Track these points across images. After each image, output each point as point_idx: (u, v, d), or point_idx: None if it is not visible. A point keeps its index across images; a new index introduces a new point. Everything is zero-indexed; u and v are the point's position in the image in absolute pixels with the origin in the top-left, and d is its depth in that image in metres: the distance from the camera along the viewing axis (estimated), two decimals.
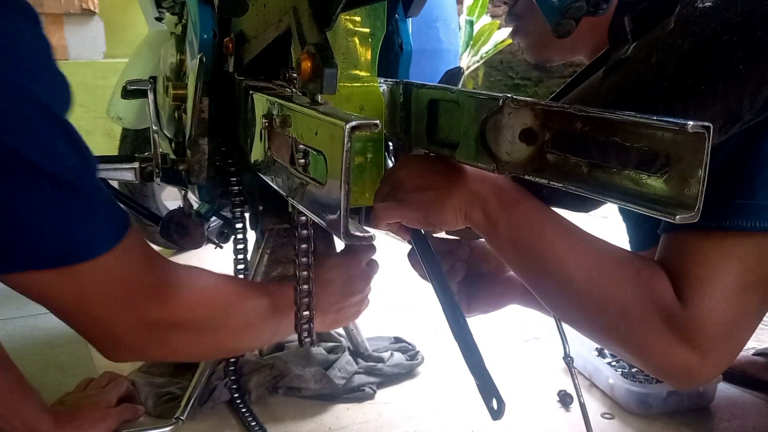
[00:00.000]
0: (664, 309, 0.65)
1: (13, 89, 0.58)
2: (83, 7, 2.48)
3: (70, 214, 0.62)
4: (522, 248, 0.70)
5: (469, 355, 0.71)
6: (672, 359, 0.66)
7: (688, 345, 0.65)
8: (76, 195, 0.63)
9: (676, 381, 0.69)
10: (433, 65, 1.43)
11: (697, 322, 0.64)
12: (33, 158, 0.58)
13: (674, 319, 0.65)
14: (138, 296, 0.68)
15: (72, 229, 0.63)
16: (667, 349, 0.65)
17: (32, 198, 0.60)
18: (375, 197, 0.78)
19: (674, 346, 0.65)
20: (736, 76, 0.58)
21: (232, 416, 1.00)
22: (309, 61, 0.57)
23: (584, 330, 0.72)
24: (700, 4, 0.59)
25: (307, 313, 0.76)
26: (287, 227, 1.00)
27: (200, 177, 0.92)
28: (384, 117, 0.83)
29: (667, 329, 0.65)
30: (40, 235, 0.61)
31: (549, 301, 0.73)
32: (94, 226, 0.64)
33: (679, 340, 0.65)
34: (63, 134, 0.62)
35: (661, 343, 0.65)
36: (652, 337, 0.66)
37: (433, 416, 1.02)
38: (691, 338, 0.65)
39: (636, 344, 0.67)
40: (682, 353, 0.65)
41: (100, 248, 0.64)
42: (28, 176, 0.59)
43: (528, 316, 1.36)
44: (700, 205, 0.48)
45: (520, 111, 0.59)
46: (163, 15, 1.32)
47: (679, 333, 0.65)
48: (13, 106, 0.58)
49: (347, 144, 0.47)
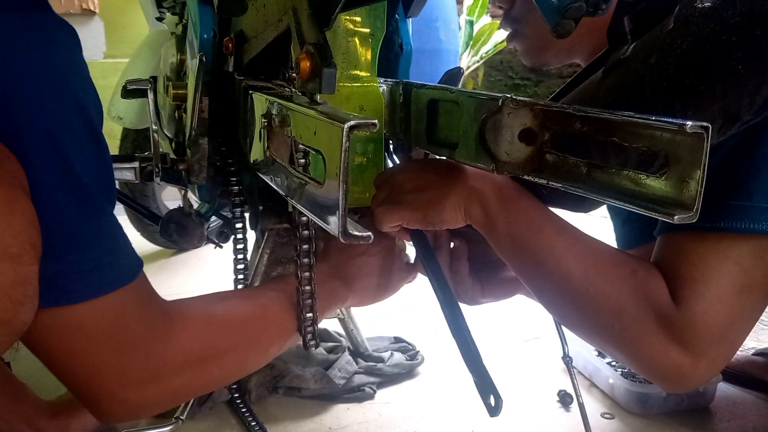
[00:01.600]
0: (658, 310, 0.65)
1: (69, 104, 0.56)
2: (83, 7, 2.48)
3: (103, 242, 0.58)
4: (520, 246, 0.70)
5: (467, 353, 0.71)
6: (665, 361, 0.66)
7: (682, 347, 0.65)
8: (107, 220, 0.59)
9: (669, 383, 0.69)
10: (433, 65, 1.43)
11: (691, 324, 0.64)
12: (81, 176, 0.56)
13: (668, 320, 0.65)
14: (136, 341, 0.61)
15: (101, 257, 0.58)
16: (660, 351, 0.65)
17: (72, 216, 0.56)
18: (372, 202, 0.78)
19: (667, 347, 0.65)
20: (735, 76, 0.58)
21: (232, 416, 1.00)
22: (308, 60, 0.57)
23: (579, 330, 0.72)
24: (699, 4, 0.59)
25: (311, 315, 0.76)
26: (287, 227, 1.00)
27: (200, 177, 0.92)
28: (384, 117, 0.83)
29: (661, 331, 0.65)
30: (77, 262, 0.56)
31: (546, 300, 0.74)
32: (121, 258, 0.60)
33: (673, 342, 0.65)
34: (105, 159, 0.60)
35: (654, 344, 0.65)
36: (645, 338, 0.66)
37: (433, 416, 1.02)
38: (685, 340, 0.65)
39: (630, 345, 0.67)
40: (675, 355, 0.65)
41: (115, 284, 0.59)
42: (77, 194, 0.56)
43: (528, 316, 1.37)
44: (698, 206, 0.48)
45: (519, 111, 0.59)
46: (163, 15, 1.32)
47: (673, 335, 0.65)
48: (72, 122, 0.56)
49: (345, 144, 0.47)
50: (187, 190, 1.10)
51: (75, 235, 0.56)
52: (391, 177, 0.77)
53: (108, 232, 0.60)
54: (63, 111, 0.55)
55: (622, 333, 0.67)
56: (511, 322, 1.37)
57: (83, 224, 0.56)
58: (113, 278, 0.59)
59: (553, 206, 0.73)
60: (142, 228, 1.82)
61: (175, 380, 0.65)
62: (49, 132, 0.54)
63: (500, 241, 0.72)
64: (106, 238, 0.59)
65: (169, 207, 1.67)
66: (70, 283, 0.56)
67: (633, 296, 0.66)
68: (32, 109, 0.53)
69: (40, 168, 0.53)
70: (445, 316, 0.73)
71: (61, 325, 0.57)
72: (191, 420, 0.97)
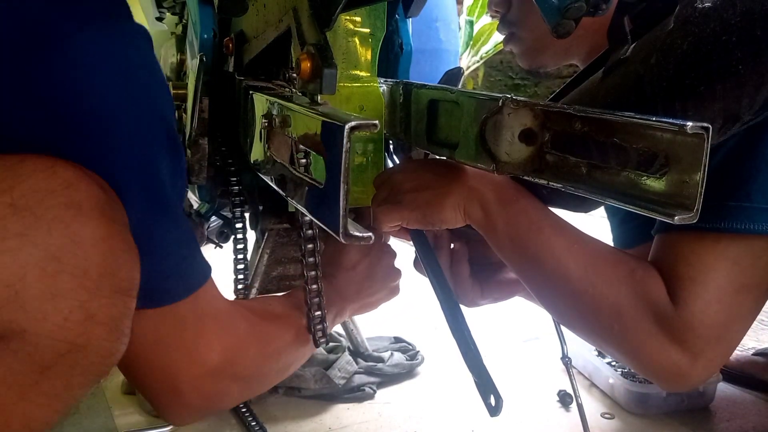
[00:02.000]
0: (656, 310, 0.65)
1: (156, 121, 0.57)
2: None
3: (183, 249, 0.61)
4: (519, 245, 0.70)
5: (467, 353, 0.71)
6: (663, 360, 0.66)
7: (680, 346, 0.65)
8: (186, 228, 0.61)
9: (667, 382, 0.70)
10: (433, 65, 1.43)
11: (689, 323, 0.64)
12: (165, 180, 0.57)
13: (666, 320, 0.65)
14: (206, 344, 0.64)
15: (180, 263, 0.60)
16: (658, 350, 0.66)
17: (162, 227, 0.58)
18: (372, 202, 0.78)
19: (665, 347, 0.65)
20: (735, 76, 0.58)
21: (232, 416, 1.00)
22: (309, 61, 0.57)
23: (579, 330, 0.72)
24: (699, 4, 0.59)
25: (319, 313, 0.76)
26: (287, 227, 1.00)
27: (200, 177, 0.92)
28: (384, 117, 0.83)
29: (659, 330, 0.65)
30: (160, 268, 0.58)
31: (545, 301, 0.74)
32: (195, 262, 0.62)
33: (671, 341, 0.65)
34: (182, 164, 0.61)
35: (652, 344, 0.66)
36: (644, 337, 0.66)
37: (433, 416, 1.02)
38: (683, 339, 0.65)
39: (628, 345, 0.67)
40: (673, 354, 0.65)
41: (192, 288, 0.62)
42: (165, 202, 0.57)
43: (528, 316, 1.37)
44: (699, 206, 0.48)
45: (519, 111, 0.59)
46: (163, 15, 1.32)
47: (671, 334, 0.65)
48: (160, 139, 0.57)
49: (346, 144, 0.47)
50: (187, 190, 1.10)
51: (159, 244, 0.58)
52: (391, 177, 0.77)
53: (185, 238, 0.62)
54: (152, 131, 0.56)
55: (622, 333, 0.67)
56: (511, 322, 1.37)
57: (166, 234, 0.59)
58: (191, 283, 0.62)
59: (553, 206, 0.73)
60: None
61: (242, 373, 0.68)
62: (143, 157, 0.55)
63: (500, 241, 0.72)
64: (185, 245, 0.62)
65: None
66: (154, 289, 0.58)
67: (631, 297, 0.66)
68: (124, 136, 0.53)
69: (134, 194, 0.54)
70: (446, 315, 0.73)
71: (142, 326, 0.58)
72: None
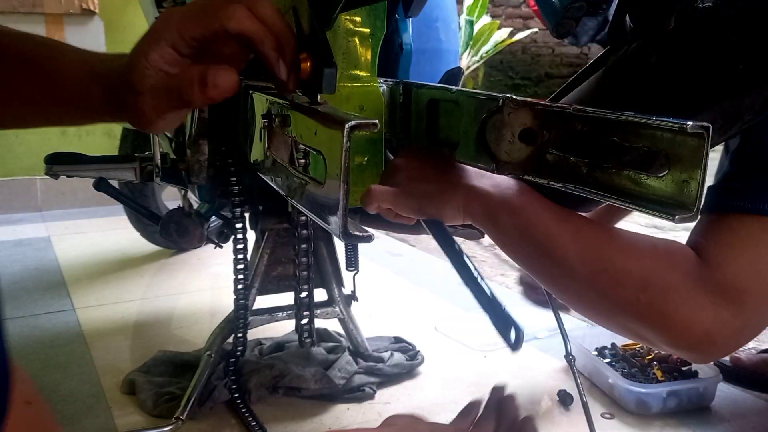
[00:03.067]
0: (688, 271, 0.62)
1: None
2: (83, 7, 2.48)
3: None
4: (526, 237, 0.69)
5: (479, 293, 0.69)
6: (703, 319, 0.61)
7: (719, 298, 0.61)
8: None
9: (702, 348, 0.64)
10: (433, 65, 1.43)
11: (727, 276, 0.61)
12: None
13: (701, 279, 0.61)
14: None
15: None
16: (694, 310, 0.61)
17: None
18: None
19: (703, 304, 0.61)
20: (736, 76, 0.58)
21: (232, 416, 1.00)
22: (308, 60, 0.57)
23: (597, 311, 0.69)
24: (700, 4, 0.59)
25: (308, 313, 0.76)
26: (287, 227, 1.00)
27: (200, 177, 0.92)
28: (384, 117, 0.83)
29: (695, 289, 0.61)
30: None
31: (558, 288, 0.72)
32: None
33: (709, 297, 0.61)
34: None
35: (687, 305, 0.62)
36: (678, 300, 0.62)
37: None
38: (723, 290, 0.61)
39: (658, 315, 0.63)
40: (710, 310, 0.61)
41: None
42: None
43: (528, 316, 1.37)
44: (699, 205, 0.48)
45: (519, 111, 0.59)
46: None
47: (709, 289, 0.61)
48: None
49: (346, 144, 0.47)
50: (187, 190, 1.10)
51: None
52: (394, 161, 0.76)
53: None
54: None
55: (649, 304, 0.63)
56: None
57: None
58: None
59: None
60: (142, 228, 1.82)
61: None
62: None
63: (504, 236, 0.71)
64: None
65: (169, 207, 1.67)
66: None
67: (659, 265, 0.63)
68: None
69: None
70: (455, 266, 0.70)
71: None
72: (191, 420, 0.97)
